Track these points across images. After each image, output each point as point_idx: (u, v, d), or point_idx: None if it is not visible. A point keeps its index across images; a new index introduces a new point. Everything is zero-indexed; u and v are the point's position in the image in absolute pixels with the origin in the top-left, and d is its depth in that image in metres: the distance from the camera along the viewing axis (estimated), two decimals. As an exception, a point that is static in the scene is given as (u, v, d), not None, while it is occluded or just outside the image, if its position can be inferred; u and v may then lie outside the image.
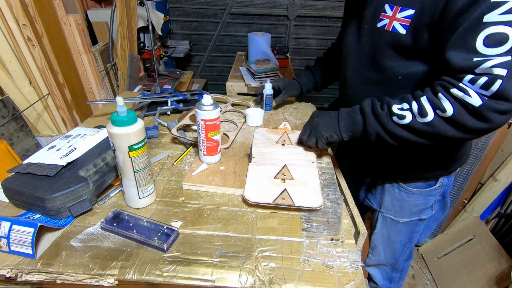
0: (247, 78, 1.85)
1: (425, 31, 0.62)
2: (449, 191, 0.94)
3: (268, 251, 0.56)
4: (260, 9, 2.68)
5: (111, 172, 0.68)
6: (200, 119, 0.72)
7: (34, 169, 0.62)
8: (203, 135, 0.74)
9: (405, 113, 0.63)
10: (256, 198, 0.65)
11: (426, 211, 0.91)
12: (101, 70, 1.81)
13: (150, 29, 1.94)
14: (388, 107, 0.66)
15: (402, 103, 0.65)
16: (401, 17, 0.65)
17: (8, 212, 0.62)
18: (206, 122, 0.72)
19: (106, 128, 0.56)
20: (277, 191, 0.67)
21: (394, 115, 0.64)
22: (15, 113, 1.36)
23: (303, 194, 0.67)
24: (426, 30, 0.62)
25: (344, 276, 0.52)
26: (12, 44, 1.33)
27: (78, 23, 1.62)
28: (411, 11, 0.62)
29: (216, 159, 0.79)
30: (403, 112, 0.63)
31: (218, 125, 0.74)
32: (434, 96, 0.60)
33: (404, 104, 0.64)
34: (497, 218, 1.66)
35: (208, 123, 0.72)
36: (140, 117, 1.00)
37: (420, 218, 0.92)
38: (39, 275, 0.51)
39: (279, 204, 0.64)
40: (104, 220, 0.59)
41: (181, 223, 0.61)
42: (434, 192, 0.87)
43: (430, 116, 0.60)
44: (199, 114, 0.72)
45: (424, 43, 0.64)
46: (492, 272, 1.48)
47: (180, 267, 0.52)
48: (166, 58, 2.55)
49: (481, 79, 0.53)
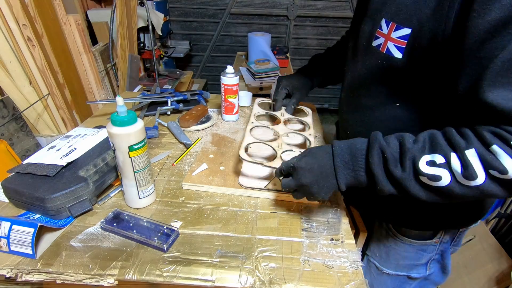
0: (247, 78, 1.85)
1: (425, 57, 0.49)
2: (449, 252, 0.72)
3: (268, 251, 0.56)
4: (260, 9, 2.68)
5: (111, 172, 0.68)
6: (222, 83, 0.92)
7: (34, 169, 0.62)
8: (223, 97, 0.94)
9: (439, 172, 0.42)
10: (249, 183, 0.69)
11: (418, 269, 0.73)
12: (101, 70, 1.81)
13: (150, 29, 1.94)
14: (413, 163, 0.44)
15: (433, 153, 0.43)
16: (395, 37, 0.51)
17: (8, 212, 0.62)
18: (226, 86, 0.91)
19: (106, 128, 0.56)
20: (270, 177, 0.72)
21: (422, 175, 0.44)
22: (15, 113, 1.36)
23: None
24: (427, 56, 0.49)
25: (344, 276, 0.52)
26: (12, 44, 1.33)
27: (78, 23, 1.62)
28: (407, 30, 0.49)
29: (233, 118, 0.98)
30: (436, 170, 0.43)
31: (236, 90, 0.92)
32: (485, 149, 0.40)
33: (436, 157, 0.43)
34: (497, 218, 1.66)
35: (227, 87, 0.91)
36: (140, 117, 1.00)
37: (409, 275, 0.74)
38: (39, 275, 0.51)
39: (271, 189, 0.68)
40: (104, 220, 0.59)
41: (181, 223, 0.61)
42: (429, 248, 0.69)
43: (480, 179, 0.40)
44: (222, 80, 0.91)
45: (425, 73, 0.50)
46: (492, 272, 1.48)
47: (180, 267, 0.52)
48: (166, 58, 2.55)
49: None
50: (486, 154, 0.40)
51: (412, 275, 0.74)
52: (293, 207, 0.67)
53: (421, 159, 0.44)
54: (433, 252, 0.70)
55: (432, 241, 0.68)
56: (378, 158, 0.47)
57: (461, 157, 0.41)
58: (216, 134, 0.92)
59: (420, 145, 0.45)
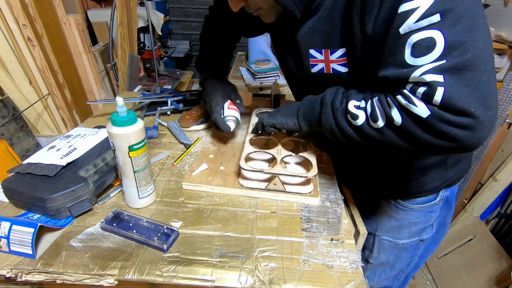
0: (247, 78, 1.85)
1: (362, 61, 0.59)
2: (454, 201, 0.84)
3: (268, 251, 0.56)
4: (260, 9, 2.68)
5: (111, 172, 0.68)
6: None
7: (34, 169, 0.62)
8: None
9: (359, 112, 0.54)
10: (249, 184, 0.69)
11: (427, 230, 0.83)
12: (101, 70, 1.81)
13: (150, 29, 1.94)
14: (346, 102, 0.57)
15: (361, 100, 0.56)
16: (335, 58, 0.61)
17: (8, 212, 0.62)
18: None
19: (106, 128, 0.56)
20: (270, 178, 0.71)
21: (348, 113, 0.56)
22: (15, 113, 1.36)
23: (295, 181, 0.71)
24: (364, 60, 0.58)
25: (344, 276, 0.52)
26: (12, 44, 1.33)
27: (78, 23, 1.62)
28: (342, 50, 0.60)
29: None
30: (358, 111, 0.55)
31: None
32: (384, 99, 0.52)
33: (362, 102, 0.55)
34: (497, 218, 1.66)
35: None
36: (140, 117, 1.00)
37: (421, 238, 0.84)
38: (39, 275, 0.51)
39: (271, 190, 0.68)
40: (104, 220, 0.59)
41: (181, 223, 0.61)
42: (434, 208, 0.80)
43: (380, 123, 0.51)
44: None
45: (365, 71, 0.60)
46: (492, 272, 1.48)
47: (180, 267, 0.52)
48: (166, 58, 2.55)
49: (420, 88, 0.46)
50: (385, 104, 0.51)
51: (423, 237, 0.83)
52: (293, 207, 0.67)
53: (352, 100, 0.56)
54: (437, 211, 0.81)
55: (436, 200, 0.78)
56: (330, 93, 0.61)
57: (371, 103, 0.54)
58: (216, 134, 0.92)
59: (355, 92, 0.59)
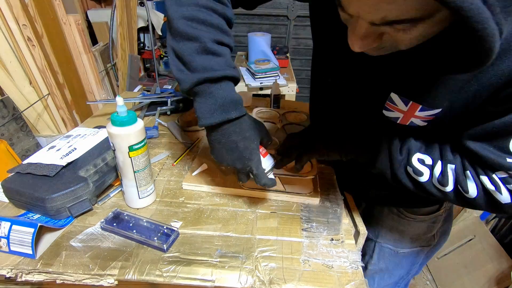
0: (247, 78, 1.85)
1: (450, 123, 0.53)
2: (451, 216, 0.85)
3: (268, 251, 0.56)
4: (260, 9, 2.68)
5: (111, 172, 0.68)
6: None
7: (34, 169, 0.62)
8: None
9: (424, 169, 0.52)
10: (249, 184, 0.68)
11: (429, 240, 0.83)
12: (101, 70, 1.81)
13: (150, 29, 1.94)
14: (407, 154, 0.54)
15: (426, 154, 0.53)
16: (423, 116, 0.53)
17: (8, 212, 0.62)
18: None
19: (106, 128, 0.56)
20: None
21: (410, 166, 0.53)
22: (15, 113, 1.36)
23: (295, 182, 0.71)
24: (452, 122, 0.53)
25: (344, 276, 0.52)
26: (12, 44, 1.33)
27: (78, 23, 1.62)
28: (437, 110, 0.51)
29: None
30: (422, 167, 0.52)
31: None
32: (462, 170, 0.50)
33: (427, 157, 0.53)
34: (497, 218, 1.66)
35: None
36: (140, 117, 1.00)
37: (422, 247, 0.84)
38: (39, 275, 0.51)
39: (271, 190, 0.68)
40: (104, 220, 0.59)
41: (181, 223, 0.61)
42: (438, 219, 0.79)
43: (448, 188, 0.51)
44: None
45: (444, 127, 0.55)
46: (492, 272, 1.48)
47: (180, 267, 0.52)
48: (166, 58, 2.55)
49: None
50: (460, 174, 0.50)
51: (424, 246, 0.83)
52: (293, 207, 0.67)
53: (415, 154, 0.53)
54: (440, 221, 0.80)
55: (440, 212, 0.78)
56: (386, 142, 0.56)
57: (444, 167, 0.51)
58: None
59: (419, 144, 0.55)
